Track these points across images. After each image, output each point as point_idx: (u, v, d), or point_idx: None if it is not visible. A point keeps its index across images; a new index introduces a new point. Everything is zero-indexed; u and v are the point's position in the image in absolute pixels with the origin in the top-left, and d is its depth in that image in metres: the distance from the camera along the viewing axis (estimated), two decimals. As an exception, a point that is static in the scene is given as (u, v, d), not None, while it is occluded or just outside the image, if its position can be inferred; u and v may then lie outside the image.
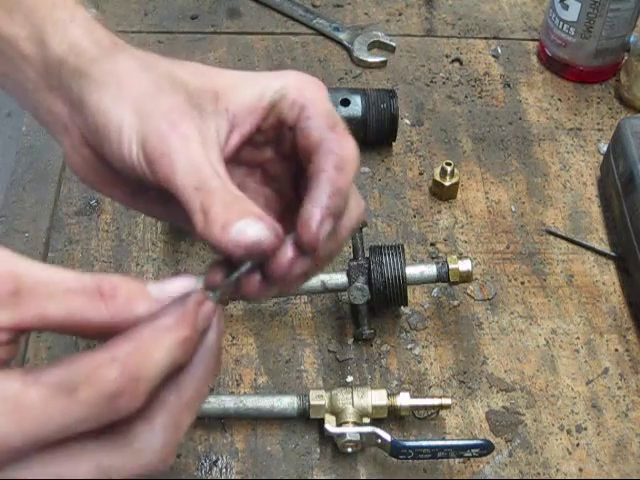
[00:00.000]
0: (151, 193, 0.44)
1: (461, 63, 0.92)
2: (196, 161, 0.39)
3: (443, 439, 0.62)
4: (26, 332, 0.34)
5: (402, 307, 0.69)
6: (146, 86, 0.41)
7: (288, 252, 0.39)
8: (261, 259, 0.38)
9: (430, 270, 0.66)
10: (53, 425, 0.31)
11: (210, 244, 0.38)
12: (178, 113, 0.40)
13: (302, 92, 0.43)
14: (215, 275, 0.39)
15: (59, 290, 0.34)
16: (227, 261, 0.39)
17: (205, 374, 0.36)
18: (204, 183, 0.38)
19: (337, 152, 0.41)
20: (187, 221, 0.40)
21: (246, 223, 0.37)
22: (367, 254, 0.67)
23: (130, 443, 0.34)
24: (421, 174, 0.81)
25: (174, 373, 0.35)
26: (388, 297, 0.65)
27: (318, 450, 0.62)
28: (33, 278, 0.34)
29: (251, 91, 0.43)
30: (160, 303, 0.35)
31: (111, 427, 0.33)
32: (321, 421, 0.61)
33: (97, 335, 0.35)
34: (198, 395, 0.36)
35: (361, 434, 0.59)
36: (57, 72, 0.44)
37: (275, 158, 0.46)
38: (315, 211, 0.39)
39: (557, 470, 0.62)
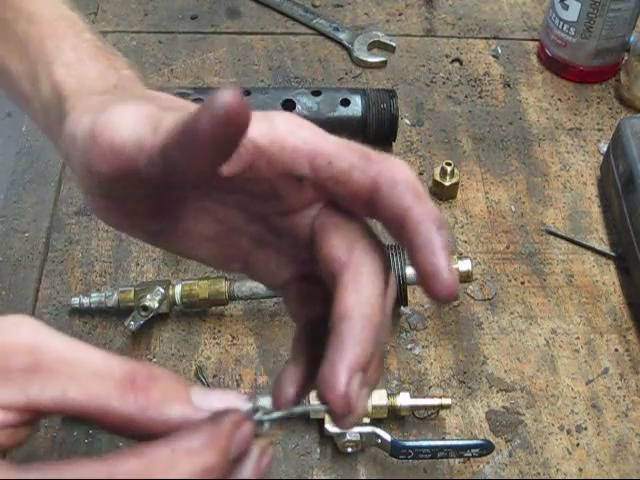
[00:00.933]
0: (172, 229, 0.40)
1: (461, 63, 0.92)
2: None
3: (443, 439, 0.62)
4: (40, 416, 0.30)
5: (402, 307, 0.69)
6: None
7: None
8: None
9: (430, 270, 0.66)
10: None
11: None
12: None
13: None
14: (287, 392, 0.34)
15: (84, 371, 0.30)
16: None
17: None
18: None
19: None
20: (209, 260, 0.37)
21: None
22: (367, 254, 0.67)
23: None
24: (421, 174, 0.81)
25: None
26: (388, 297, 0.65)
27: (318, 450, 0.62)
28: (56, 354, 0.30)
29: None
30: (199, 412, 0.30)
31: None
32: (321, 421, 0.61)
33: (119, 429, 0.30)
34: None
35: (361, 434, 0.59)
36: (48, 117, 0.40)
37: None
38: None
39: (557, 470, 0.62)
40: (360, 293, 0.33)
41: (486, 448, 0.59)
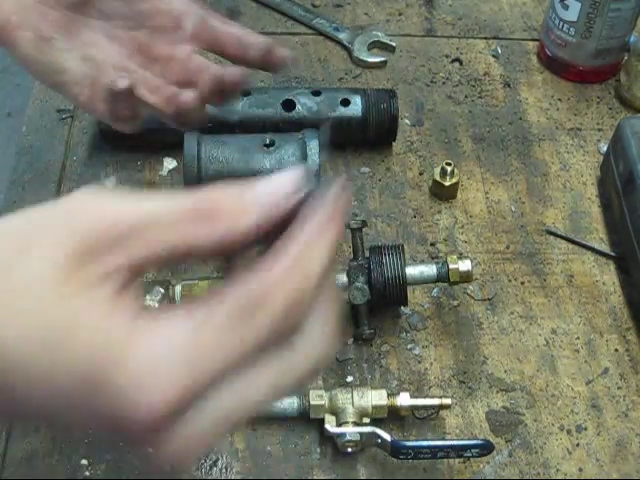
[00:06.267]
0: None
1: (461, 63, 0.92)
2: None
3: (443, 439, 0.62)
4: (140, 275, 0.34)
5: (402, 307, 0.69)
6: None
7: None
8: None
9: (430, 270, 0.66)
10: (233, 361, 0.31)
11: None
12: None
13: None
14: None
15: (162, 224, 0.33)
16: None
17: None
18: None
19: None
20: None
21: None
22: (367, 254, 0.67)
23: (293, 345, 0.34)
24: (421, 174, 0.81)
25: None
26: (388, 297, 0.65)
27: (318, 450, 0.62)
28: (134, 217, 0.33)
29: None
30: (266, 208, 0.34)
31: None
32: (321, 421, 0.61)
33: (209, 258, 0.35)
34: (333, 286, 0.37)
35: (361, 434, 0.59)
36: None
37: None
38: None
39: (557, 470, 0.62)
40: None
41: (486, 448, 0.59)
